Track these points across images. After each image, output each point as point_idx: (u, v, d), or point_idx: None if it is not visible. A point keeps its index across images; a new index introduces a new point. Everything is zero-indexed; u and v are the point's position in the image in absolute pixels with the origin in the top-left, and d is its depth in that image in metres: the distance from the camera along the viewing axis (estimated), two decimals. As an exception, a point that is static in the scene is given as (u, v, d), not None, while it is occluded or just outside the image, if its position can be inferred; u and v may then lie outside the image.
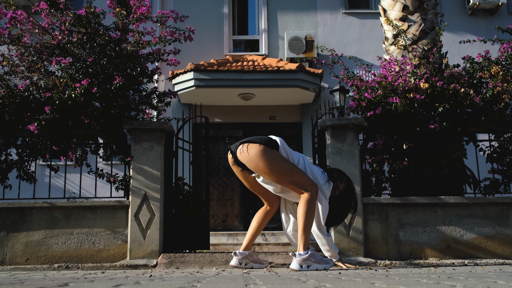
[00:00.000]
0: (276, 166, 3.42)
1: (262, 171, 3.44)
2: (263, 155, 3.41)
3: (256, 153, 3.42)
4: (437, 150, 5.16)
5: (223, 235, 9.04)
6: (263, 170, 3.43)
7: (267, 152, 3.42)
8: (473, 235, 4.73)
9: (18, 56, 4.93)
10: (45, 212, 4.66)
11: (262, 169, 3.42)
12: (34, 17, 5.22)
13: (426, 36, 5.59)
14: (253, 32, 11.40)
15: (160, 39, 5.33)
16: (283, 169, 3.44)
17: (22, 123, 4.83)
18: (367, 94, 4.89)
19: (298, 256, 3.42)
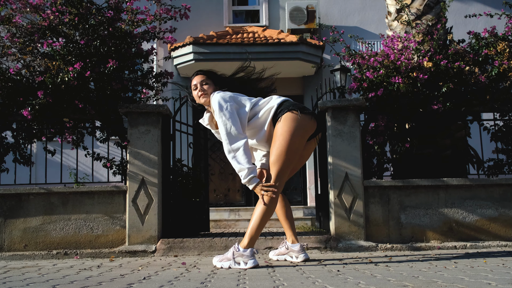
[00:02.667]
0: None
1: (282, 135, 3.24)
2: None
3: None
4: (440, 130, 5.04)
5: (225, 210, 9.03)
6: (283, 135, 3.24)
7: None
8: (476, 217, 4.67)
9: (8, 38, 4.78)
10: (42, 198, 4.61)
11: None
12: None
13: (430, 11, 5.38)
14: (253, 3, 11.11)
15: (155, 17, 5.15)
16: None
17: (16, 107, 4.72)
18: (368, 73, 4.74)
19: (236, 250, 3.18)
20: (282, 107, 3.29)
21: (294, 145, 3.21)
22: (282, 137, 3.19)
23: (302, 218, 8.59)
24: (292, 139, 3.19)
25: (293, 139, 3.19)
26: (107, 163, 4.73)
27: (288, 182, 9.84)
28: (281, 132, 3.20)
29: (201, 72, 3.50)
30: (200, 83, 3.43)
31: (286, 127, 3.19)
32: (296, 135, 3.21)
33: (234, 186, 10.18)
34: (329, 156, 4.65)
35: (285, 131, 3.19)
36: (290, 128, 3.19)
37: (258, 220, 3.17)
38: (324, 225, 4.87)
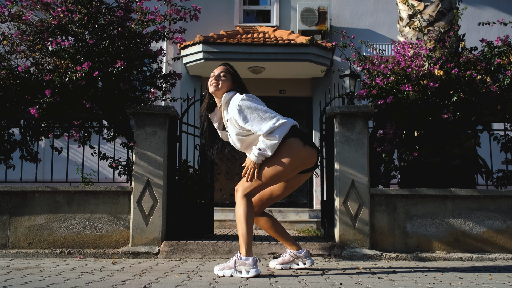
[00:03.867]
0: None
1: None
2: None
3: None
4: (449, 138, 4.98)
5: (230, 211, 9.01)
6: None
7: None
8: (483, 229, 4.61)
9: (18, 36, 4.78)
10: (47, 196, 4.61)
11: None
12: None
13: (443, 18, 5.31)
14: (264, 2, 11.06)
15: (165, 17, 5.14)
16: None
17: (25, 105, 4.73)
18: (378, 80, 4.69)
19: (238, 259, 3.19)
20: (291, 130, 3.25)
21: (285, 173, 3.23)
22: (279, 162, 3.18)
23: (307, 221, 8.56)
24: (286, 168, 3.20)
25: (287, 168, 3.20)
26: (113, 163, 4.73)
27: (295, 184, 9.85)
28: (281, 156, 3.18)
29: (226, 65, 3.47)
30: (219, 73, 3.39)
31: (287, 154, 3.19)
32: (292, 165, 3.21)
33: (240, 186, 10.14)
34: (336, 162, 4.61)
35: (285, 157, 3.18)
36: (290, 156, 3.19)
37: (243, 225, 3.19)
38: (329, 232, 4.83)
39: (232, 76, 3.41)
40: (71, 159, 8.15)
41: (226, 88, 3.36)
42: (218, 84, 3.35)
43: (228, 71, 3.41)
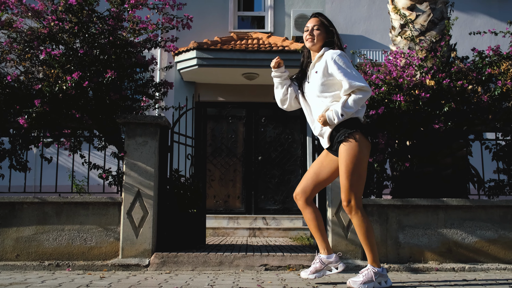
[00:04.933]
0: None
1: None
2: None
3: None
4: (441, 148, 4.97)
5: (224, 218, 8.98)
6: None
7: None
8: (475, 239, 4.59)
9: (8, 44, 4.74)
10: (36, 207, 4.56)
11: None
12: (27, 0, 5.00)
13: (434, 27, 5.31)
14: (259, 8, 11.05)
15: (157, 25, 5.11)
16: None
17: (14, 114, 4.69)
18: (370, 90, 4.67)
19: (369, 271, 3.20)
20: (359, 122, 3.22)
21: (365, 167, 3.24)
22: (362, 158, 3.18)
23: (301, 228, 8.54)
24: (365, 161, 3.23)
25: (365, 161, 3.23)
26: (103, 173, 4.69)
27: (289, 189, 9.84)
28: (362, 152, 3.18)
29: (318, 16, 3.35)
30: (313, 26, 3.30)
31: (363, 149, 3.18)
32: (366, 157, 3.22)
33: (234, 193, 10.13)
34: (328, 173, 4.57)
35: (364, 152, 3.19)
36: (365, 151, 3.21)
37: (371, 239, 3.21)
38: (321, 243, 4.79)
39: (326, 28, 3.31)
40: (63, 165, 8.10)
41: (322, 40, 3.29)
42: (313, 38, 3.27)
43: (321, 23, 3.31)
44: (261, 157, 10.04)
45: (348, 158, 3.12)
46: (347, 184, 3.13)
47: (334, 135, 3.22)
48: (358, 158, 3.12)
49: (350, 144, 3.12)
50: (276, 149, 10.15)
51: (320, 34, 3.27)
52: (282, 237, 8.24)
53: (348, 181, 3.12)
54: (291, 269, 4.27)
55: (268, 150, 10.14)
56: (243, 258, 4.34)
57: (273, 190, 9.98)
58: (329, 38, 3.30)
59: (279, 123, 10.23)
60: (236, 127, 10.31)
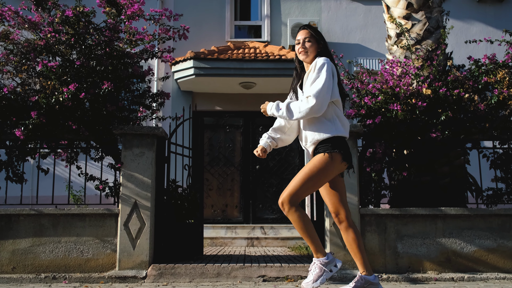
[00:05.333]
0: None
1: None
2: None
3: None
4: (439, 157, 4.96)
5: (222, 228, 8.93)
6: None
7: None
8: (474, 248, 4.57)
9: (4, 56, 4.74)
10: (33, 219, 4.54)
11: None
12: (24, 12, 5.01)
13: (430, 36, 5.32)
14: (255, 18, 11.08)
15: (153, 36, 5.12)
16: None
17: (10, 126, 4.67)
18: (367, 99, 4.67)
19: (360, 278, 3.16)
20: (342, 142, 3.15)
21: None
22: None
23: (299, 237, 8.48)
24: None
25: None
26: (100, 185, 4.66)
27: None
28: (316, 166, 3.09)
29: (307, 28, 3.32)
30: (303, 39, 3.28)
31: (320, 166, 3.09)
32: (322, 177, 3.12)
33: (232, 202, 10.09)
34: (325, 182, 4.56)
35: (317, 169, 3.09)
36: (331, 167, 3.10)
37: (362, 248, 3.19)
38: (319, 253, 4.76)
39: (316, 39, 3.29)
40: (60, 175, 8.06)
41: (315, 52, 3.27)
42: (306, 50, 3.25)
43: (311, 35, 3.28)
44: (258, 166, 10.02)
45: (316, 166, 3.06)
46: (298, 187, 3.05)
47: (315, 150, 3.16)
48: (324, 173, 3.06)
49: (325, 158, 3.06)
50: (273, 158, 10.13)
51: (312, 45, 3.26)
52: (280, 246, 8.20)
53: (300, 185, 3.05)
54: (289, 280, 4.25)
55: (265, 159, 10.12)
56: (241, 269, 4.32)
57: (271, 199, 9.95)
58: (320, 49, 3.30)
59: (277, 132, 10.21)
60: (233, 136, 10.30)
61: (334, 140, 3.09)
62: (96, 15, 4.87)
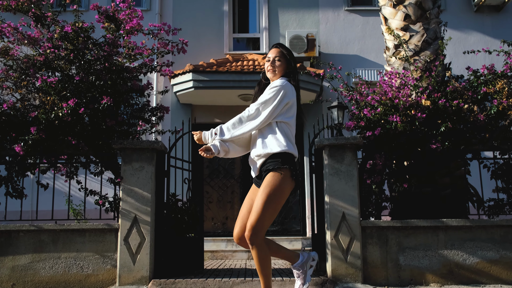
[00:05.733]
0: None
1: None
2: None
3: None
4: (439, 168, 4.95)
5: (222, 240, 8.89)
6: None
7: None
8: (477, 259, 4.54)
9: (4, 72, 4.75)
10: (32, 235, 4.51)
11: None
12: (23, 28, 5.02)
13: (428, 47, 5.34)
14: (253, 30, 11.14)
15: (152, 50, 5.13)
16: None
17: (10, 141, 4.67)
18: (366, 111, 4.68)
19: None
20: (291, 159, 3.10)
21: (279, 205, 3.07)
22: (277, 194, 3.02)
23: (300, 250, 8.44)
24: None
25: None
26: (100, 200, 4.65)
27: (288, 210, 9.79)
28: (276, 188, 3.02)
29: (280, 47, 3.28)
30: (274, 58, 3.23)
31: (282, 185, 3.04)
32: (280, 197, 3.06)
33: (232, 215, 10.05)
34: (326, 195, 4.55)
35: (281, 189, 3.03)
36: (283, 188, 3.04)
37: (262, 271, 3.03)
38: (321, 266, 4.74)
39: (286, 59, 3.26)
40: (60, 189, 8.03)
41: (282, 72, 3.23)
42: (274, 70, 3.22)
43: (282, 54, 3.25)
44: (258, 178, 9.99)
45: (270, 189, 2.98)
46: (260, 213, 2.94)
47: (263, 165, 3.10)
48: (280, 192, 3.00)
49: (276, 176, 3.00)
50: (273, 169, 10.10)
51: (281, 65, 3.22)
52: (282, 259, 8.14)
53: (262, 211, 2.94)
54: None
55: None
56: (242, 283, 4.28)
57: (271, 211, 9.91)
58: (289, 69, 3.26)
59: (276, 143, 10.20)
60: (233, 148, 10.28)
61: (284, 156, 3.03)
62: (95, 30, 4.89)
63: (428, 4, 5.47)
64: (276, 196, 2.98)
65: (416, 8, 5.42)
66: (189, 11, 10.75)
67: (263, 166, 3.10)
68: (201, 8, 10.77)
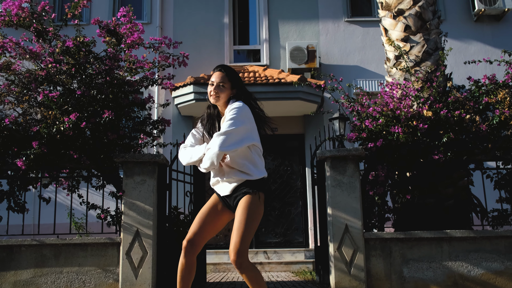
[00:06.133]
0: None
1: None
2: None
3: None
4: (442, 178, 4.93)
5: (225, 253, 8.84)
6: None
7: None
8: (481, 271, 4.51)
9: (6, 87, 4.76)
10: (34, 250, 4.50)
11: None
12: (25, 42, 5.04)
13: (429, 58, 5.35)
14: (254, 42, 11.17)
15: (153, 64, 5.15)
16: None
17: (12, 156, 4.67)
18: (368, 122, 4.67)
19: None
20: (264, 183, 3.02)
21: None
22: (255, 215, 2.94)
23: (303, 261, 8.40)
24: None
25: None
26: (101, 214, 4.63)
27: (290, 222, 9.75)
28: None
29: (223, 70, 3.08)
30: (218, 82, 3.04)
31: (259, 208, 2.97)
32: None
33: (234, 226, 10.00)
34: (329, 207, 4.54)
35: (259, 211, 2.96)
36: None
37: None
38: (324, 279, 4.71)
39: (231, 82, 3.08)
40: (62, 203, 8.01)
41: (227, 96, 3.05)
42: (218, 94, 3.03)
43: (226, 77, 3.06)
44: (260, 189, 9.97)
45: (250, 211, 2.90)
46: (242, 236, 2.86)
47: (238, 188, 3.00)
48: (258, 214, 2.93)
49: (254, 198, 2.92)
50: (275, 181, 10.09)
51: (225, 89, 3.04)
52: (284, 271, 8.11)
53: (243, 233, 2.86)
54: (294, 307, 4.18)
55: (268, 182, 10.07)
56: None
57: (273, 222, 9.88)
58: (234, 91, 3.08)
59: (278, 154, 10.20)
60: (235, 160, 10.27)
61: (261, 181, 3.01)
62: (97, 44, 4.91)
63: (428, 15, 5.49)
64: (254, 217, 2.92)
65: (416, 19, 5.44)
66: (190, 24, 10.80)
67: (238, 188, 3.00)
68: (202, 20, 10.82)
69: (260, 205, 2.96)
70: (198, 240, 2.98)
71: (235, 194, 2.99)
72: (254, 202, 2.93)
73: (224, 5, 10.98)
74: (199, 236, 2.98)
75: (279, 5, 10.99)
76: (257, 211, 2.94)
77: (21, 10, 4.75)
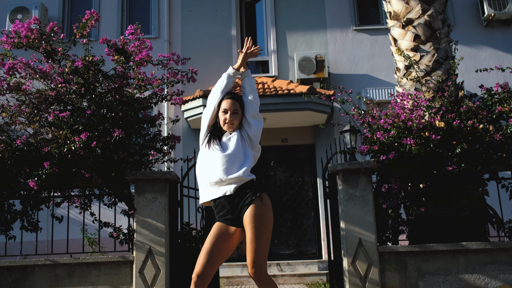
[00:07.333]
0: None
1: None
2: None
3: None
4: (456, 189, 4.86)
5: (237, 266, 8.80)
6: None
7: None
8: (499, 283, 4.43)
9: (16, 108, 4.80)
10: (48, 269, 4.51)
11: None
12: (34, 63, 5.09)
13: (440, 67, 5.30)
14: (262, 53, 11.17)
15: (162, 80, 5.17)
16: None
17: (24, 176, 4.69)
18: (379, 134, 4.63)
19: None
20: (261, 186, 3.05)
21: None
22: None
23: (317, 273, 8.32)
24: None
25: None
26: (114, 232, 4.63)
27: (303, 233, 9.68)
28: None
29: (235, 99, 3.22)
30: (233, 110, 3.15)
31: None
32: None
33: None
34: (341, 221, 4.49)
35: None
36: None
37: None
38: (339, 294, 4.65)
39: (242, 108, 3.22)
40: (75, 218, 8.03)
41: (239, 121, 3.20)
42: (233, 122, 3.14)
43: (238, 105, 3.20)
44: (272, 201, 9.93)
45: (257, 224, 2.89)
46: (255, 248, 2.88)
47: (236, 199, 2.98)
48: (265, 222, 2.92)
49: (259, 205, 2.91)
50: (287, 192, 10.05)
51: (238, 115, 3.18)
52: (298, 283, 8.04)
53: (257, 245, 2.87)
54: (309, 324, 4.13)
55: (278, 193, 10.04)
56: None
57: (286, 234, 9.82)
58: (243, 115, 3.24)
59: (288, 166, 10.17)
60: (245, 171, 10.24)
61: (255, 183, 3.03)
62: (105, 63, 4.94)
63: (437, 24, 5.45)
64: (264, 227, 2.91)
65: (425, 28, 5.40)
66: (198, 37, 10.85)
67: (240, 190, 2.99)
68: (210, 33, 10.86)
69: (266, 209, 2.95)
70: (208, 273, 2.96)
71: (239, 197, 2.96)
72: (259, 210, 2.91)
73: (231, 18, 11.03)
74: (208, 268, 2.97)
75: (287, 15, 11.01)
76: (266, 218, 2.93)
77: (30, 31, 4.80)
